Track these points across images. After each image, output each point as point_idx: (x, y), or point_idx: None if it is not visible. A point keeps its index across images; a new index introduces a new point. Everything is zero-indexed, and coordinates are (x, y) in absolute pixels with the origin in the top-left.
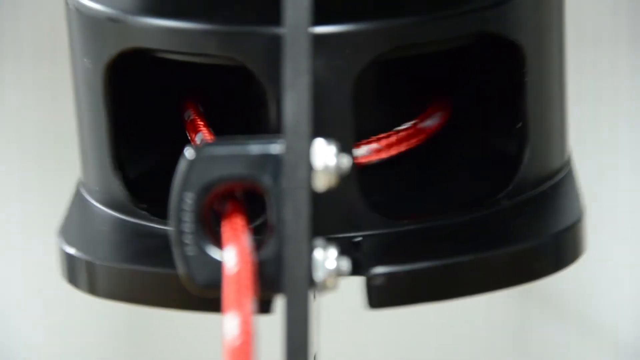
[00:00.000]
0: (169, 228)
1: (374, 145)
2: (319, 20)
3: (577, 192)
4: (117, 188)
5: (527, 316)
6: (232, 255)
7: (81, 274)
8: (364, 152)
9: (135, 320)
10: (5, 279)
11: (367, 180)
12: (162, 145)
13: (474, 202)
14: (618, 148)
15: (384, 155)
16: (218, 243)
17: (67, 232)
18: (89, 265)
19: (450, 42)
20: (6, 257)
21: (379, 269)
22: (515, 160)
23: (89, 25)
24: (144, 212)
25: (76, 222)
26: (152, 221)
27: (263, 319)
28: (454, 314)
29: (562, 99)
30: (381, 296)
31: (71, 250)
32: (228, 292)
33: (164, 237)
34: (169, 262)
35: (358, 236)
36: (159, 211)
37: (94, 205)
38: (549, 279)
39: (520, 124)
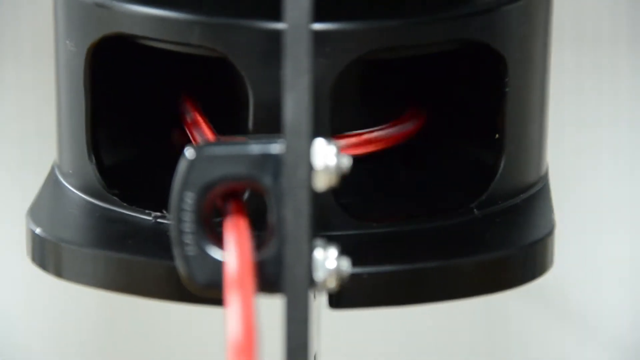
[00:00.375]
0: (170, 226)
1: (342, 142)
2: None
3: (550, 207)
4: (91, 172)
5: (527, 316)
6: (233, 252)
7: (47, 256)
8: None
9: (134, 314)
10: (5, 279)
11: (341, 181)
12: (142, 134)
13: (446, 210)
14: (618, 148)
15: (350, 152)
16: (218, 243)
17: (37, 212)
18: (56, 247)
19: (434, 47)
20: (6, 256)
21: None
22: (490, 171)
23: (74, 8)
24: (114, 198)
25: (47, 203)
26: (122, 207)
27: (263, 318)
28: (454, 314)
29: (542, 113)
30: (342, 297)
31: (38, 230)
32: (230, 289)
33: (133, 223)
34: (136, 249)
35: (325, 236)
36: (130, 198)
37: (66, 188)
38: (549, 279)
39: (498, 135)
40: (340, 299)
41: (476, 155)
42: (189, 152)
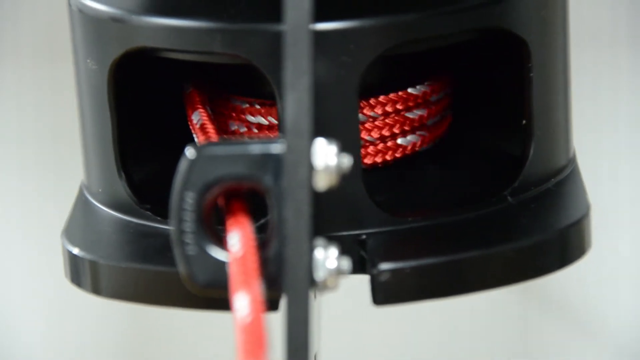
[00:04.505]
0: (170, 227)
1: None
2: (323, 17)
3: (583, 189)
4: (121, 189)
5: (527, 316)
6: (236, 239)
7: (85, 274)
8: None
9: (136, 319)
10: (5, 279)
11: (372, 178)
12: (167, 146)
13: (480, 199)
14: (618, 148)
15: (387, 158)
16: (219, 243)
17: (71, 233)
18: (93, 265)
19: (456, 37)
20: (6, 257)
21: (384, 265)
22: (520, 158)
23: (93, 26)
24: (147, 213)
25: (79, 224)
26: (155, 221)
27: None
28: (455, 314)
29: (567, 96)
30: (386, 292)
31: (75, 250)
32: (235, 273)
33: (167, 236)
34: (173, 261)
35: (363, 234)
36: (162, 211)
37: (97, 207)
38: (549, 279)
39: (525, 121)
40: (385, 294)
41: (502, 145)
42: (189, 152)
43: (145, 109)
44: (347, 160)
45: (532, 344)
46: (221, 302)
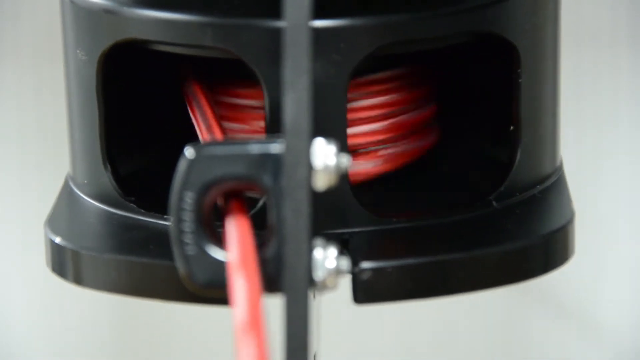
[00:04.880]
0: (170, 225)
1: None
2: (315, 15)
3: (568, 197)
4: (106, 181)
5: (527, 316)
6: (234, 239)
7: (67, 264)
8: (362, 166)
9: (130, 314)
10: (5, 279)
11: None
12: (155, 140)
13: (465, 203)
14: (618, 148)
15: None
16: (218, 242)
17: (54, 222)
18: (75, 255)
19: (446, 40)
20: (5, 257)
21: (366, 264)
22: (507, 163)
23: (84, 17)
24: (131, 205)
25: (64, 214)
26: (139, 214)
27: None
28: (454, 313)
29: (555, 104)
30: (367, 291)
31: (57, 239)
32: (234, 274)
33: (151, 229)
34: (155, 253)
35: (346, 233)
36: (147, 204)
37: (82, 198)
38: (550, 279)
39: (512, 127)
40: (366, 293)
41: (489, 150)
42: (188, 152)
43: (135, 102)
44: (346, 160)
45: (532, 344)
46: (204, 296)
